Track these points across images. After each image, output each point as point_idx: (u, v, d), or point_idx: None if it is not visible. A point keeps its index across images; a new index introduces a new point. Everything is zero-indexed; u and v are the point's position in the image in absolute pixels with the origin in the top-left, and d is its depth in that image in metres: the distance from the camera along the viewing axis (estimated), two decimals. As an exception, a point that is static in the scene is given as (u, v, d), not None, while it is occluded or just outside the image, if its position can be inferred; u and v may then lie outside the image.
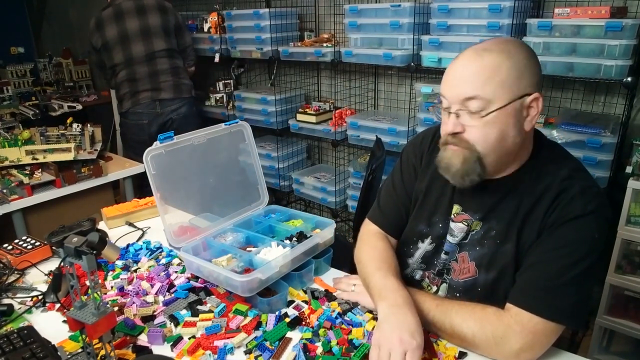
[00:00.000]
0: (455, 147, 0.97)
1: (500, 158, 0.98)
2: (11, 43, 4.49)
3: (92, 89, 4.34)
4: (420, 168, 1.19)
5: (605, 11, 1.74)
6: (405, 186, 1.21)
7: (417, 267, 1.17)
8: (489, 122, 0.92)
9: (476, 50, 0.95)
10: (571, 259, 0.92)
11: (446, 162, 0.99)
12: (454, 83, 0.96)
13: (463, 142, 0.96)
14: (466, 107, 0.93)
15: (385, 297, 1.00)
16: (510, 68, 0.92)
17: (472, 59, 0.94)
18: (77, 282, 0.87)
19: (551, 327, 0.91)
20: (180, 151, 1.29)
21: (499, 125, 0.93)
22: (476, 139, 0.95)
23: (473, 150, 0.95)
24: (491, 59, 0.92)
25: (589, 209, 0.93)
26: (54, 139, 2.28)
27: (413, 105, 2.49)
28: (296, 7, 2.92)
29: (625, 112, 1.92)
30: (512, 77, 0.92)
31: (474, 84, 0.92)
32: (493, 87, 0.91)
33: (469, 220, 1.06)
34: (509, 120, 0.93)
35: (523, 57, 0.93)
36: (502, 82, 0.91)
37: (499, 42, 0.97)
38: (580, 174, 0.99)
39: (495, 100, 0.91)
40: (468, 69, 0.94)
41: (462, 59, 0.96)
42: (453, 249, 1.09)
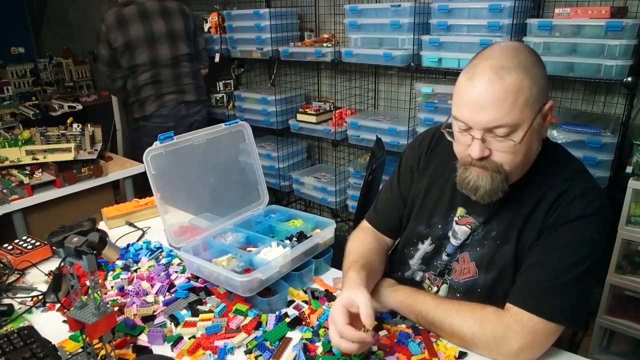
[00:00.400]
0: (481, 169, 0.94)
1: (524, 170, 0.98)
2: (11, 43, 4.48)
3: (92, 89, 4.34)
4: (417, 170, 1.19)
5: (605, 11, 1.74)
6: (401, 188, 1.22)
7: (418, 268, 1.17)
8: (517, 145, 0.90)
9: (495, 71, 0.87)
10: (571, 260, 0.92)
11: (473, 185, 0.95)
12: (476, 110, 0.89)
13: (490, 164, 0.93)
14: (492, 133, 0.90)
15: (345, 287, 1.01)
16: (532, 85, 0.88)
17: (493, 81, 0.87)
18: (77, 282, 0.87)
19: (551, 328, 0.91)
20: (180, 151, 1.29)
21: (526, 145, 0.91)
22: (504, 161, 0.92)
23: (501, 171, 0.93)
24: (513, 80, 0.87)
25: (590, 210, 0.93)
26: (54, 139, 2.28)
27: (413, 105, 2.49)
28: (296, 7, 2.92)
29: (626, 112, 1.92)
30: (534, 94, 0.88)
31: (500, 112, 0.87)
32: (519, 111, 0.87)
33: (473, 223, 1.06)
34: (533, 135, 0.92)
35: (537, 67, 0.91)
36: (526, 102, 0.88)
37: (510, 54, 0.89)
38: (582, 175, 0.99)
39: (523, 123, 0.88)
40: (490, 94, 0.87)
41: (482, 82, 0.88)
42: (454, 250, 1.09)
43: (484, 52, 0.93)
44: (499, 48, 0.92)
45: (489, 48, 0.94)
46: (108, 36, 2.60)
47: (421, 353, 0.97)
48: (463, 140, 0.94)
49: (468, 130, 0.92)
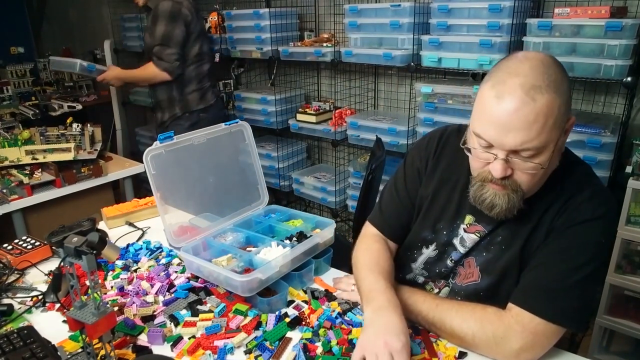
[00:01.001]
0: (499, 187, 0.91)
1: (540, 185, 0.95)
2: (11, 43, 4.48)
3: (92, 89, 4.34)
4: (425, 173, 1.15)
5: (605, 11, 1.74)
6: (409, 191, 1.18)
7: (420, 273, 1.16)
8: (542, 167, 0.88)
9: (526, 91, 0.83)
10: (576, 262, 0.92)
11: (490, 202, 0.93)
12: (503, 131, 0.85)
13: (511, 183, 0.90)
14: (517, 154, 0.87)
15: (371, 300, 0.98)
16: (561, 105, 0.84)
17: (524, 103, 0.82)
18: (77, 282, 0.87)
19: (552, 329, 0.91)
20: (180, 151, 1.29)
21: (547, 164, 0.88)
22: (524, 180, 0.90)
23: (519, 190, 0.91)
24: (544, 102, 0.82)
25: (598, 213, 0.93)
26: (53, 139, 2.28)
27: (413, 105, 2.49)
28: (296, 7, 2.92)
29: (625, 112, 1.92)
30: (562, 114, 0.85)
31: (529, 135, 0.83)
32: (547, 133, 0.84)
33: (481, 232, 1.05)
34: (555, 154, 0.90)
35: (565, 82, 0.86)
36: (555, 123, 0.84)
37: (540, 69, 0.85)
38: (590, 179, 0.99)
39: (550, 144, 0.86)
40: (520, 116, 0.83)
41: (512, 103, 0.83)
42: (460, 257, 1.08)
43: (511, 65, 0.87)
44: (528, 62, 0.86)
45: (517, 61, 0.88)
46: (188, 19, 2.51)
47: (421, 353, 0.97)
48: (483, 157, 0.91)
49: (490, 148, 0.89)
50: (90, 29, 4.50)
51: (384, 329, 0.90)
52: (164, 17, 2.43)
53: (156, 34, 2.45)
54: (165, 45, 2.45)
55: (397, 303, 0.97)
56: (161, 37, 2.44)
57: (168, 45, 2.45)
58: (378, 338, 0.88)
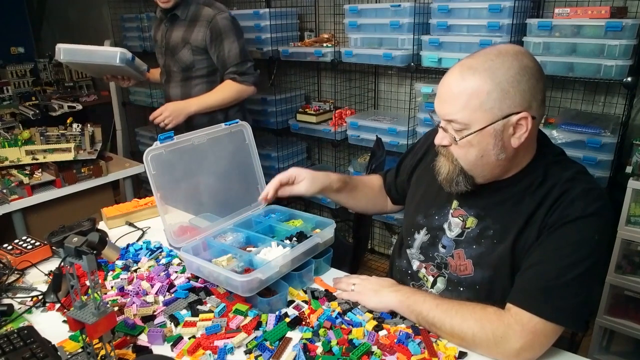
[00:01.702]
0: (442, 157, 1.05)
1: (487, 172, 1.01)
2: (11, 43, 4.49)
3: (92, 89, 4.34)
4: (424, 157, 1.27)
5: (605, 11, 1.74)
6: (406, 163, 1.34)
7: (417, 257, 1.19)
8: (466, 143, 0.96)
9: (461, 69, 0.95)
10: (571, 260, 0.92)
11: (437, 169, 1.07)
12: (440, 101, 0.99)
13: (449, 154, 1.02)
14: (450, 125, 0.97)
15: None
16: (491, 91, 0.91)
17: (456, 79, 0.95)
18: (77, 282, 0.87)
19: (551, 328, 0.91)
20: (180, 151, 1.29)
21: (478, 146, 0.96)
22: (458, 156, 1.00)
23: (456, 164, 1.01)
24: (472, 82, 0.92)
25: (590, 210, 0.93)
26: (54, 139, 2.28)
27: (413, 105, 2.49)
28: (296, 7, 2.92)
29: (625, 112, 1.92)
30: (493, 99, 0.91)
31: (453, 107, 0.95)
32: (470, 112, 0.93)
33: (464, 215, 1.09)
34: (488, 140, 0.95)
35: (512, 75, 0.91)
36: (480, 106, 0.92)
37: (490, 57, 0.93)
38: (583, 177, 0.99)
39: (473, 123, 0.94)
40: (450, 90, 0.96)
41: (449, 77, 0.97)
42: (450, 244, 1.11)
43: (477, 51, 0.98)
44: (489, 49, 0.96)
45: (486, 47, 0.98)
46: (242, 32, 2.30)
47: (421, 353, 0.97)
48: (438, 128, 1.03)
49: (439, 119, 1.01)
50: (91, 29, 4.50)
51: None
52: (231, 32, 2.18)
53: (230, 53, 2.19)
54: (244, 61, 2.23)
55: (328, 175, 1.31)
56: (238, 54, 2.20)
57: (246, 59, 2.24)
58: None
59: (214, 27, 2.16)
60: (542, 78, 0.94)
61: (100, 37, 4.14)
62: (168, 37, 2.25)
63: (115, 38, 3.96)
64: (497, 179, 1.03)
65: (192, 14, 2.20)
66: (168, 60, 2.30)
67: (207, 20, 2.16)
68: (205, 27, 2.16)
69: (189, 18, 2.20)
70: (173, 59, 2.25)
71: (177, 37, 2.22)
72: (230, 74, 2.21)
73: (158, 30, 2.35)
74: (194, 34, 2.18)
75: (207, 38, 2.17)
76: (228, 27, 2.17)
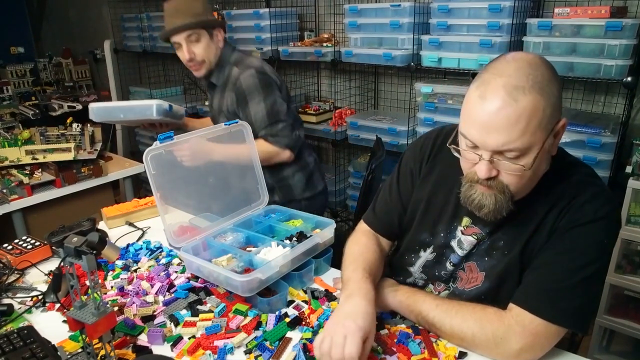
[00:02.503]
0: (486, 188, 0.91)
1: (530, 188, 0.95)
2: (11, 43, 4.49)
3: (92, 88, 4.35)
4: (419, 176, 1.16)
5: (605, 11, 1.74)
6: (400, 191, 1.19)
7: (419, 277, 1.16)
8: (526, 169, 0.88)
9: (508, 91, 0.83)
10: (578, 263, 0.91)
11: (478, 203, 0.93)
12: (486, 131, 0.85)
13: (497, 184, 0.90)
14: (502, 155, 0.87)
15: (346, 288, 1.02)
16: (546, 106, 0.83)
17: (506, 103, 0.82)
18: (77, 282, 0.87)
19: (552, 330, 0.91)
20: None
21: (535, 166, 0.88)
22: (511, 182, 0.90)
23: (506, 192, 0.90)
24: (527, 103, 0.82)
25: (600, 214, 0.92)
26: (53, 138, 2.28)
27: (413, 105, 2.49)
28: (296, 7, 2.92)
29: (625, 111, 1.92)
30: (548, 116, 0.84)
31: (511, 135, 0.83)
32: (531, 134, 0.84)
33: (479, 234, 1.05)
34: (543, 156, 0.89)
35: (553, 84, 0.85)
36: (539, 125, 0.84)
37: (526, 71, 0.84)
38: (592, 179, 0.98)
39: (534, 146, 0.85)
40: (502, 116, 0.83)
41: (493, 103, 0.83)
42: (459, 260, 1.08)
43: (498, 66, 0.87)
44: (515, 63, 0.86)
45: (504, 61, 0.88)
46: (277, 82, 1.97)
47: (421, 353, 0.97)
48: (470, 158, 0.91)
49: (475, 149, 0.89)
50: (90, 29, 4.50)
51: (347, 313, 0.93)
52: (255, 92, 1.87)
53: (256, 116, 1.87)
54: (274, 122, 1.88)
55: (368, 290, 0.99)
56: (266, 115, 1.87)
57: (277, 120, 1.89)
58: (338, 321, 0.91)
59: (239, 89, 1.87)
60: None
61: (100, 37, 4.14)
62: (213, 105, 2.06)
63: (115, 38, 3.96)
64: None
65: (224, 78, 1.96)
66: None
67: (233, 83, 1.90)
68: (232, 91, 1.90)
69: (222, 83, 1.96)
70: None
71: (217, 105, 2.01)
72: (262, 136, 1.89)
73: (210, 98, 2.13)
74: (226, 99, 1.94)
75: (234, 102, 1.90)
76: (252, 86, 1.86)
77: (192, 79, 3.72)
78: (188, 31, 1.83)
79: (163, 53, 3.55)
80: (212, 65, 1.94)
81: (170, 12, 1.85)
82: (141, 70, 4.13)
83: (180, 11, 1.82)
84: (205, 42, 1.87)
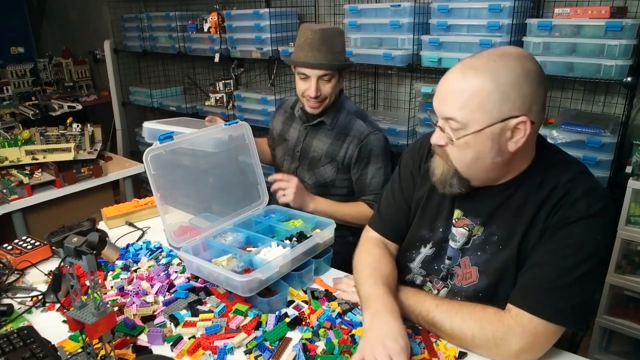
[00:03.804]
0: (438, 157, 1.02)
1: (482, 174, 0.98)
2: (11, 43, 4.49)
3: (92, 89, 4.35)
4: (419, 175, 1.18)
5: (605, 11, 1.74)
6: (404, 193, 1.21)
7: (417, 272, 1.17)
8: (462, 144, 0.94)
9: (464, 68, 0.93)
10: (574, 261, 0.92)
11: (431, 169, 1.04)
12: (439, 98, 0.97)
13: (444, 155, 0.99)
14: (448, 125, 0.95)
15: (370, 305, 1.00)
16: (492, 92, 0.89)
17: (457, 77, 0.93)
18: (77, 282, 0.87)
19: (552, 329, 0.91)
20: (180, 151, 1.29)
21: (474, 148, 0.93)
22: (453, 157, 0.97)
23: (451, 165, 0.99)
24: (473, 82, 0.90)
25: (593, 211, 0.92)
26: (53, 139, 2.28)
27: (413, 105, 2.49)
28: (296, 7, 2.92)
29: (625, 112, 1.92)
30: (493, 101, 0.89)
31: (452, 106, 0.93)
32: (469, 111, 0.91)
33: (470, 225, 1.06)
34: (485, 143, 0.92)
35: (514, 78, 0.89)
36: (479, 106, 0.90)
37: (493, 59, 0.91)
38: (585, 177, 0.98)
39: (471, 124, 0.91)
40: (451, 88, 0.94)
41: (450, 75, 0.95)
42: (455, 254, 1.08)
43: (480, 51, 0.96)
44: (492, 50, 0.94)
45: (490, 48, 0.96)
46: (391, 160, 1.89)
47: (421, 353, 0.97)
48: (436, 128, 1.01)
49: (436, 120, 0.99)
50: (90, 29, 4.50)
51: (383, 333, 0.91)
52: (380, 157, 1.76)
53: (372, 180, 1.76)
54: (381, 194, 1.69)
55: (395, 308, 0.98)
56: (381, 184, 1.76)
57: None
58: (377, 341, 0.90)
59: (366, 146, 1.74)
60: (543, 82, 0.93)
61: (100, 37, 4.14)
62: (308, 143, 1.82)
63: (115, 38, 3.95)
64: (493, 183, 1.02)
65: (341, 125, 1.78)
66: (301, 170, 1.85)
67: (358, 138, 1.75)
68: (356, 145, 1.74)
69: (338, 129, 1.78)
70: (310, 171, 1.80)
71: (321, 148, 1.79)
72: (369, 201, 1.76)
73: (290, 128, 1.94)
74: (343, 150, 1.76)
75: (354, 157, 1.75)
76: (379, 149, 1.76)
77: (192, 79, 3.73)
78: (327, 71, 1.67)
79: (163, 53, 3.55)
80: (328, 105, 1.77)
81: (314, 45, 1.64)
82: (141, 70, 4.12)
83: (325, 47, 1.64)
84: (334, 82, 1.72)
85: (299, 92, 1.74)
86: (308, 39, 1.64)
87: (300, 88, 1.72)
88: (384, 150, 1.78)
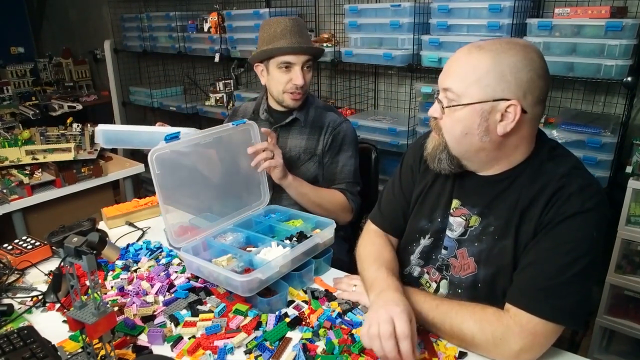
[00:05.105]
0: (434, 132, 1.06)
1: (472, 154, 1.01)
2: (11, 43, 4.49)
3: (92, 88, 4.35)
4: (419, 172, 1.20)
5: (605, 11, 1.74)
6: (403, 189, 1.24)
7: (416, 263, 1.18)
8: (454, 115, 0.97)
9: (471, 47, 0.97)
10: (570, 258, 0.91)
11: (426, 144, 1.09)
12: (443, 72, 1.01)
13: (437, 128, 1.03)
14: (445, 96, 0.99)
15: (375, 287, 1.04)
16: (490, 70, 0.92)
17: (463, 53, 0.97)
18: (77, 282, 0.87)
19: (551, 328, 0.91)
20: (186, 151, 1.29)
21: (463, 122, 0.97)
22: (445, 128, 1.01)
23: (442, 138, 1.02)
24: (476, 57, 0.94)
25: (587, 206, 0.92)
26: (54, 139, 2.28)
27: (413, 105, 2.49)
28: (296, 7, 2.92)
29: (625, 112, 1.92)
30: (489, 78, 0.93)
31: (452, 77, 0.97)
32: (465, 84, 0.95)
33: (467, 214, 1.07)
34: (474, 119, 0.95)
35: (514, 62, 0.92)
36: (475, 81, 0.94)
37: (500, 42, 0.96)
38: (579, 172, 0.98)
39: (465, 96, 0.95)
40: (455, 62, 0.98)
41: (457, 53, 0.99)
42: (452, 244, 1.10)
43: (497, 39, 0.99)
44: (503, 38, 1.00)
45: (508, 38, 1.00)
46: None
47: (421, 353, 0.97)
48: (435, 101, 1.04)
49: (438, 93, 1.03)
50: (90, 29, 4.50)
51: (386, 301, 0.96)
52: (351, 145, 1.76)
53: (344, 168, 1.74)
54: (355, 183, 1.76)
55: (398, 286, 1.02)
56: (352, 173, 1.75)
57: (357, 183, 1.77)
58: (379, 309, 0.93)
59: (338, 134, 1.73)
60: (544, 76, 0.94)
61: (100, 37, 4.14)
62: (281, 145, 1.70)
63: (115, 38, 3.96)
64: (487, 169, 1.03)
65: (313, 119, 1.74)
66: None
67: (332, 127, 1.73)
68: (329, 134, 1.72)
69: (310, 124, 1.74)
70: (291, 172, 1.63)
71: (297, 146, 1.73)
72: (341, 188, 1.73)
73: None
74: (321, 142, 1.73)
75: (328, 144, 1.73)
76: (351, 138, 1.76)
77: (192, 79, 3.72)
78: (310, 56, 1.64)
79: (163, 53, 3.55)
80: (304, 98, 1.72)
81: (294, 30, 1.61)
82: (141, 70, 4.12)
83: (304, 33, 1.64)
84: (311, 72, 1.70)
85: (280, 86, 1.65)
86: (287, 27, 1.61)
87: (282, 81, 1.63)
88: (354, 140, 1.79)
